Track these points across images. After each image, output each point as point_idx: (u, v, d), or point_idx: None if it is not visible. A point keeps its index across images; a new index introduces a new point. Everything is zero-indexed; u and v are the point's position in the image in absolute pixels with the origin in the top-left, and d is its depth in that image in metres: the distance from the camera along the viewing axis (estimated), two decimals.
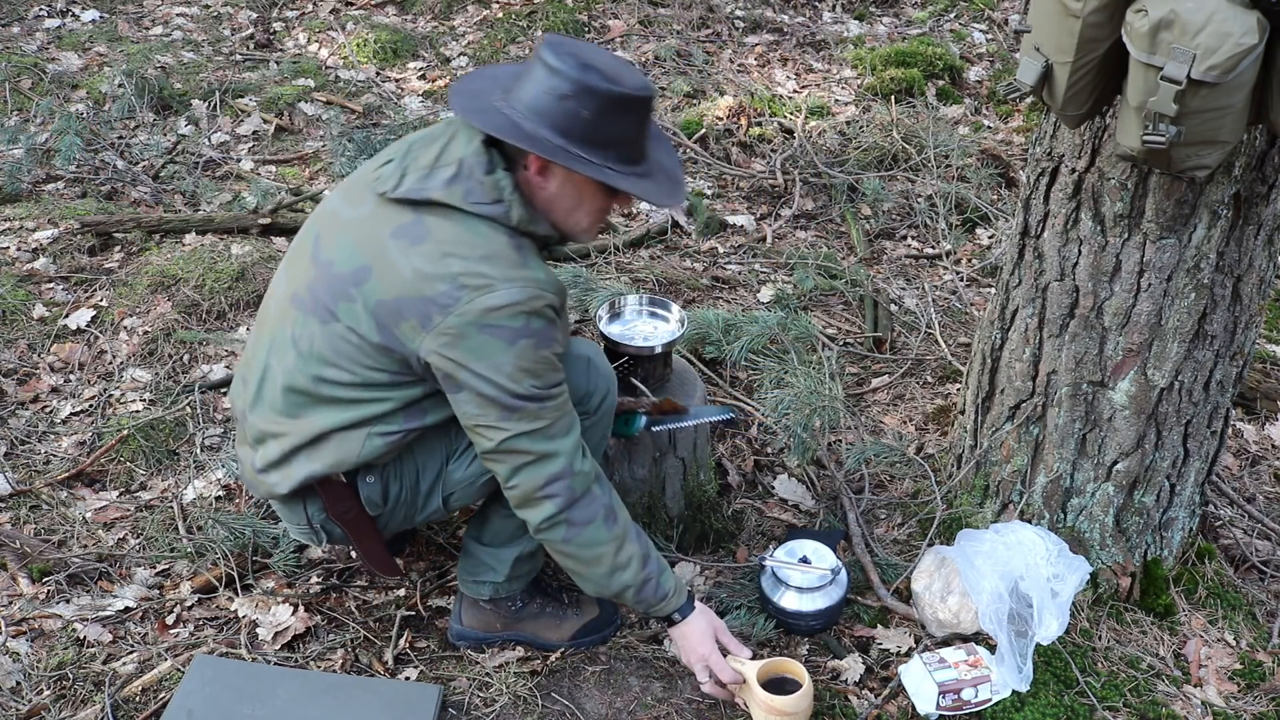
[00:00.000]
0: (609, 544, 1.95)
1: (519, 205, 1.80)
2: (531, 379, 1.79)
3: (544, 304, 1.79)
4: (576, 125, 1.75)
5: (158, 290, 3.23)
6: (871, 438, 2.88)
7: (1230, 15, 1.57)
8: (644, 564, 1.99)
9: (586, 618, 2.27)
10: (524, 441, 1.84)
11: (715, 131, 4.42)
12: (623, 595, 2.00)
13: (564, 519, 1.90)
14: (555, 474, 1.87)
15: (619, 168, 1.80)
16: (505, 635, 2.26)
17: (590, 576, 1.98)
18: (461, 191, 1.77)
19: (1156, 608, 2.39)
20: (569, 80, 1.73)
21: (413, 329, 1.78)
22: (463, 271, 1.75)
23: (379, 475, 1.98)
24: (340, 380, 1.86)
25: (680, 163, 2.00)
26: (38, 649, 2.21)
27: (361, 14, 5.55)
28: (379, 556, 2.10)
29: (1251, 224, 2.08)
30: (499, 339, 1.76)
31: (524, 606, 2.25)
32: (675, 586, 2.04)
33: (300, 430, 1.91)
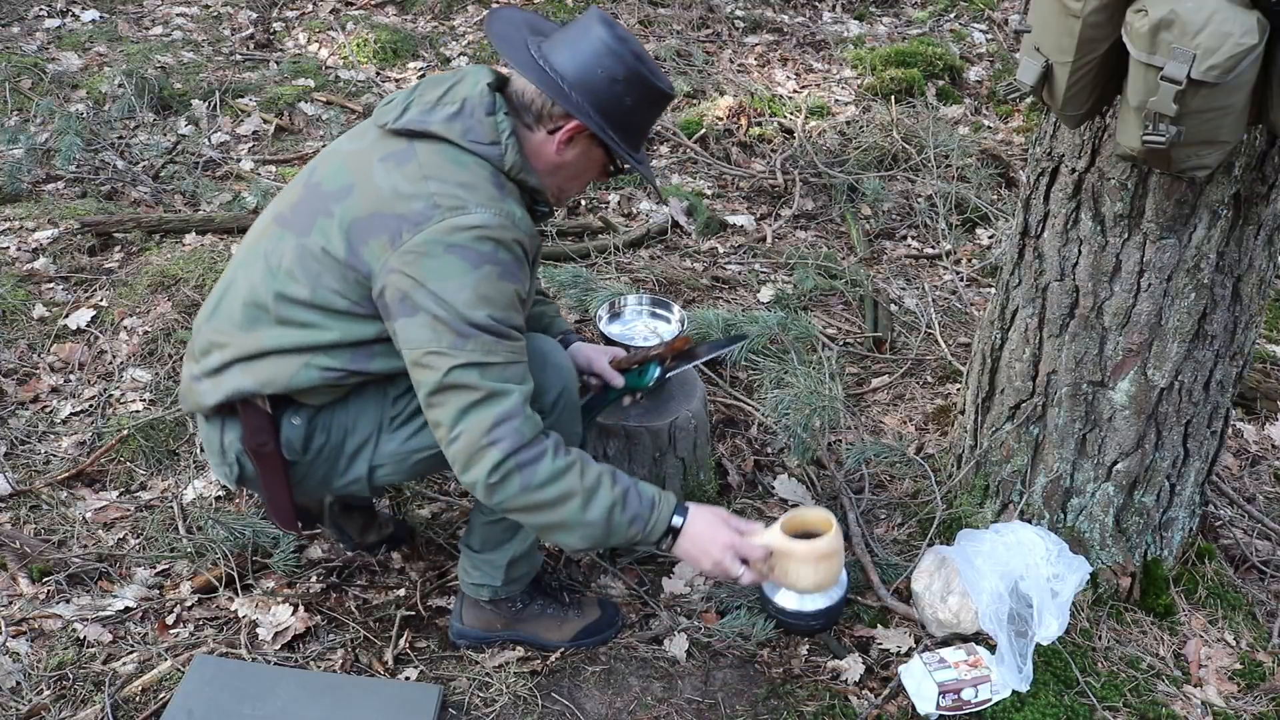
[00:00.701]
0: (570, 472, 1.80)
1: (514, 151, 1.81)
2: (489, 308, 1.74)
3: (513, 238, 1.78)
4: (619, 110, 1.82)
5: (158, 290, 3.23)
6: (871, 438, 2.88)
7: (1230, 15, 1.57)
8: (615, 479, 1.84)
9: (588, 619, 2.27)
10: (472, 374, 1.74)
11: (715, 131, 4.42)
12: (612, 524, 1.83)
13: (513, 463, 1.76)
14: (503, 414, 1.75)
15: (633, 154, 1.88)
16: (506, 635, 2.26)
17: (569, 519, 1.81)
18: (461, 128, 1.79)
19: (1156, 608, 2.39)
20: (626, 67, 1.80)
21: (381, 247, 1.76)
22: (438, 192, 1.75)
23: (306, 419, 1.93)
24: (299, 298, 1.83)
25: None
26: (38, 649, 2.21)
27: (361, 14, 5.55)
28: (282, 504, 2.00)
29: (1251, 224, 2.08)
30: (464, 260, 1.73)
31: (525, 607, 2.24)
32: (658, 491, 1.91)
33: (245, 344, 1.88)
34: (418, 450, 1.96)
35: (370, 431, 1.96)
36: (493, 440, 1.75)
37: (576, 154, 1.88)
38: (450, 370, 1.74)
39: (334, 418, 1.94)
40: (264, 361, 1.88)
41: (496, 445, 1.75)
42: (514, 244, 1.78)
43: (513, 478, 1.77)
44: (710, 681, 2.22)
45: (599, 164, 1.92)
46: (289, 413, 1.93)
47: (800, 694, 2.18)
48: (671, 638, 2.30)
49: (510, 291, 1.77)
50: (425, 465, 2.00)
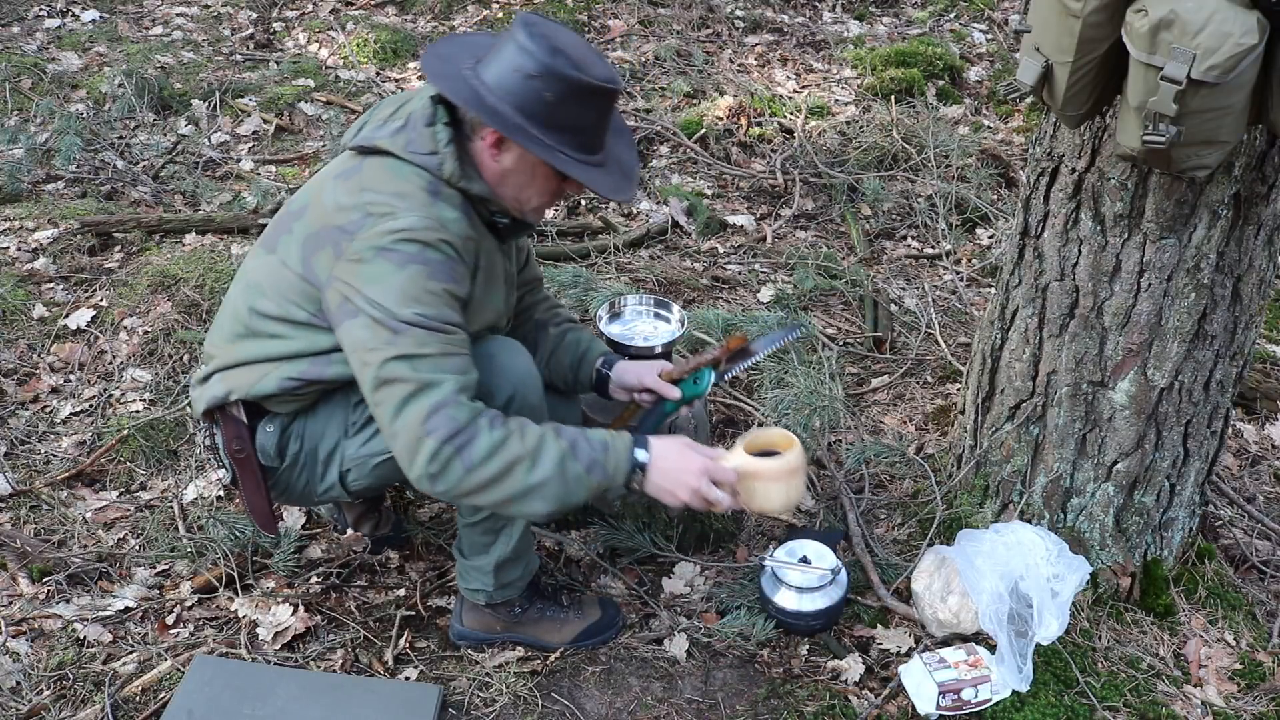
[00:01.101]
0: (510, 440, 1.77)
1: (452, 159, 1.84)
2: (418, 306, 1.76)
3: (440, 238, 1.80)
4: (539, 107, 1.79)
5: (158, 290, 3.23)
6: (871, 438, 2.88)
7: (1230, 15, 1.57)
8: (559, 432, 1.82)
9: (589, 620, 2.27)
10: (403, 366, 1.75)
11: (715, 131, 4.42)
12: (568, 477, 1.80)
13: (450, 449, 1.74)
14: (436, 404, 1.75)
15: (573, 154, 1.84)
16: (506, 636, 2.26)
17: (523, 486, 1.78)
18: (403, 141, 1.85)
19: (1156, 608, 2.39)
20: (537, 62, 1.78)
21: (327, 258, 1.83)
22: (371, 201, 1.81)
23: (279, 427, 2.01)
24: (268, 313, 1.93)
25: (638, 159, 2.02)
26: (38, 649, 2.21)
27: (361, 14, 5.55)
28: (259, 507, 2.07)
29: (1251, 224, 2.08)
30: (391, 262, 1.77)
31: (524, 611, 2.24)
32: (608, 433, 1.88)
33: (226, 355, 2.00)
34: (375, 455, 2.00)
35: (337, 438, 2.02)
36: (428, 430, 1.75)
37: (513, 159, 1.86)
38: (383, 364, 1.77)
39: (306, 426, 2.02)
40: (237, 371, 1.98)
41: (432, 435, 1.75)
42: (441, 244, 1.80)
43: (453, 463, 1.76)
44: (710, 681, 2.22)
45: (542, 169, 1.87)
46: (263, 421, 2.02)
47: (800, 694, 2.18)
48: (671, 638, 2.30)
49: (439, 290, 1.79)
50: (386, 470, 2.01)
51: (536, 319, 2.32)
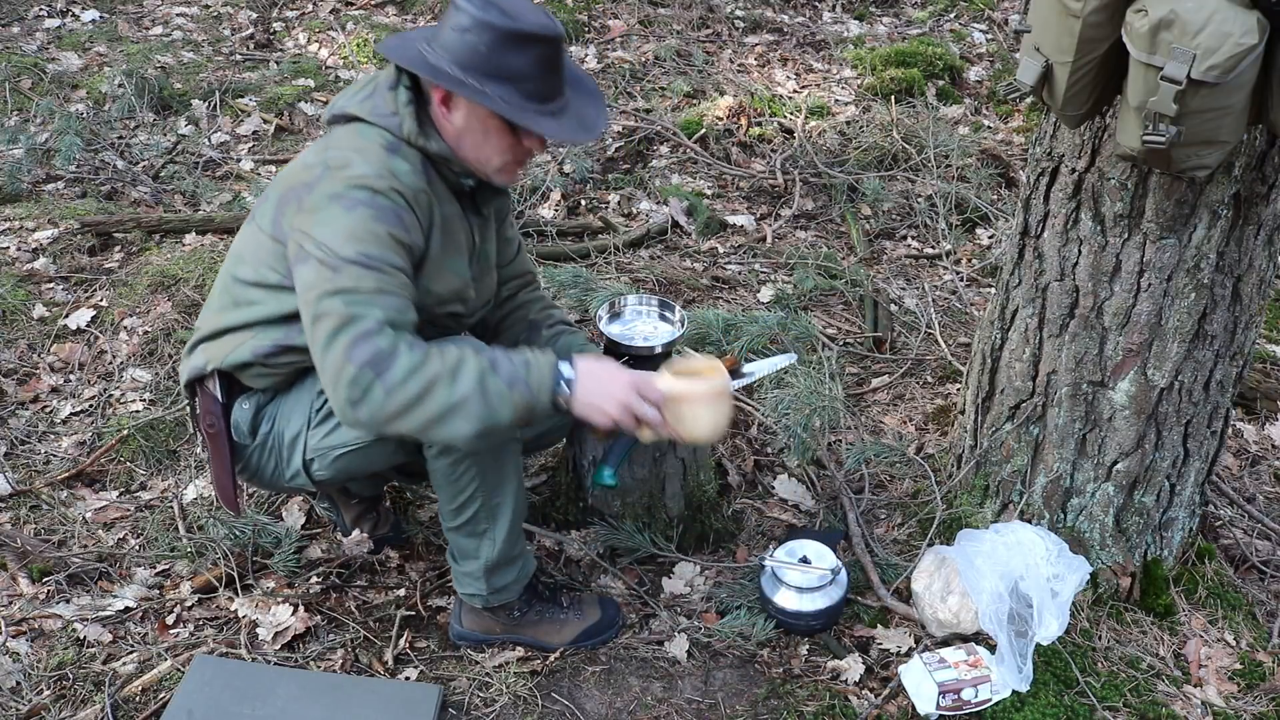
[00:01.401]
0: (429, 360, 1.76)
1: (410, 119, 1.90)
2: (360, 244, 1.79)
3: (391, 186, 1.84)
4: (475, 58, 1.84)
5: (158, 290, 3.23)
6: (871, 438, 2.88)
7: (1230, 15, 1.57)
8: (478, 349, 1.81)
9: (588, 621, 2.27)
10: (336, 301, 1.76)
11: (715, 131, 4.42)
12: (489, 393, 1.77)
13: (370, 374, 1.73)
14: (360, 333, 1.74)
15: (516, 101, 1.86)
16: (506, 638, 2.27)
17: (443, 405, 1.75)
18: (369, 106, 1.92)
19: (1156, 608, 2.39)
20: (469, 15, 1.84)
21: (291, 213, 1.88)
22: (332, 157, 1.87)
23: (254, 405, 2.06)
24: (245, 279, 1.97)
25: (605, 115, 2.03)
26: (38, 649, 2.21)
27: (361, 14, 5.55)
28: (222, 482, 2.11)
29: (1251, 224, 2.08)
30: (340, 206, 1.82)
31: (523, 615, 2.24)
32: (531, 351, 1.86)
33: (208, 325, 2.05)
34: (336, 447, 2.01)
35: (301, 425, 2.04)
36: (349, 358, 1.75)
37: (463, 115, 1.90)
38: (319, 300, 1.79)
39: (278, 408, 2.06)
40: (217, 341, 2.03)
41: (352, 362, 1.74)
42: (391, 192, 1.84)
43: (373, 388, 1.74)
44: (710, 681, 2.22)
45: (492, 122, 1.90)
46: (240, 398, 2.07)
47: (800, 694, 2.19)
48: (671, 638, 2.30)
49: (384, 233, 1.82)
50: (348, 463, 2.03)
51: (530, 319, 2.32)
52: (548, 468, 2.75)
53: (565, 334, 2.31)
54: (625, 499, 2.49)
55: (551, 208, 3.95)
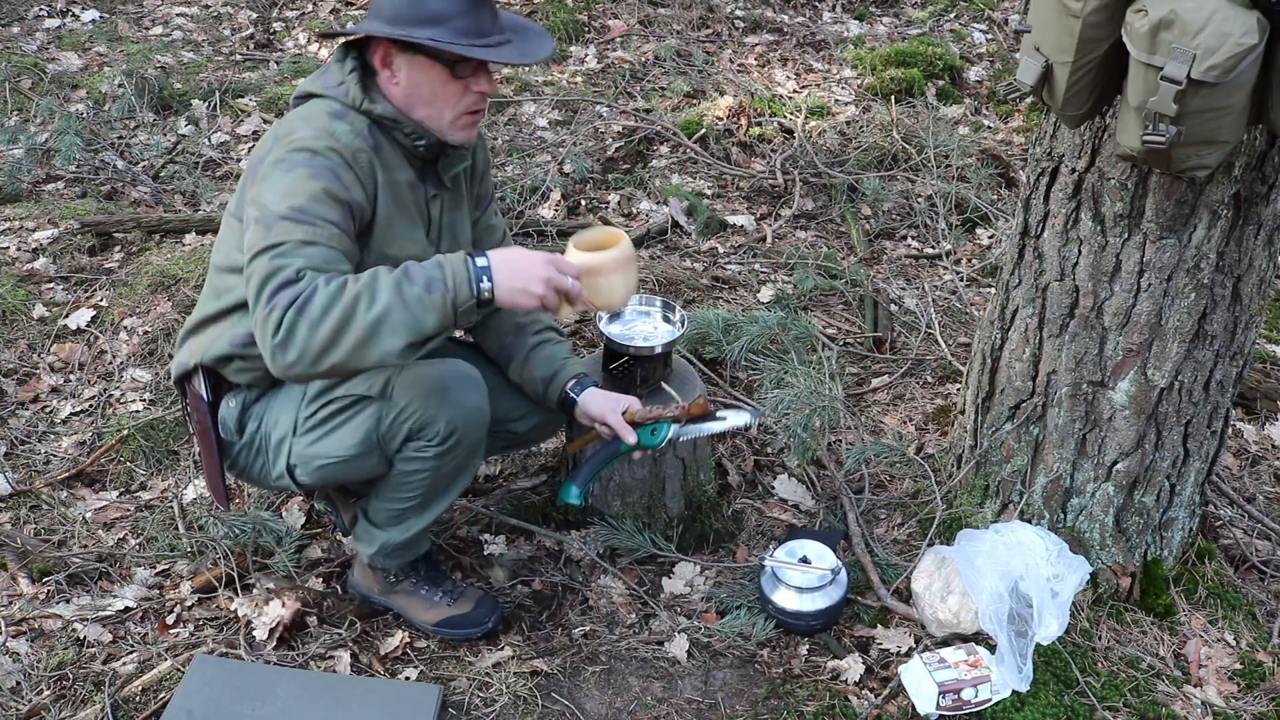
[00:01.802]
0: (345, 288, 1.74)
1: (355, 85, 1.94)
2: (292, 200, 1.81)
3: (328, 147, 1.87)
4: (399, 10, 1.88)
5: (158, 290, 3.23)
6: (871, 438, 2.88)
7: (1230, 15, 1.57)
8: (390, 267, 1.79)
9: (456, 610, 2.28)
10: (264, 259, 1.77)
11: (715, 131, 4.42)
12: (408, 299, 1.74)
13: (292, 313, 1.72)
14: (281, 281, 1.74)
15: (448, 39, 1.88)
16: (381, 600, 2.32)
17: (367, 324, 1.72)
18: (322, 82, 1.98)
19: (1156, 608, 2.39)
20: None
21: (249, 188, 1.90)
22: (280, 128, 1.93)
23: (240, 403, 2.09)
24: (220, 265, 2.01)
25: (548, 43, 2.04)
26: (38, 649, 2.21)
27: (361, 14, 5.55)
28: (211, 476, 2.16)
29: (1251, 224, 2.08)
30: (281, 169, 1.85)
31: (398, 582, 2.29)
32: (441, 256, 1.83)
33: (193, 317, 2.09)
34: (319, 458, 2.03)
35: (288, 430, 2.06)
36: (272, 305, 1.74)
37: (406, 72, 1.93)
38: (251, 260, 1.80)
39: (265, 408, 2.08)
40: (199, 335, 2.08)
41: (275, 307, 1.73)
42: (327, 151, 1.86)
43: (297, 327, 1.72)
44: (710, 681, 2.22)
45: (436, 70, 1.91)
46: (227, 395, 2.10)
47: (800, 694, 2.18)
48: (671, 638, 2.30)
49: (318, 188, 1.83)
50: (330, 473, 2.05)
51: (517, 321, 2.30)
52: (548, 468, 2.75)
53: (549, 344, 2.29)
54: (625, 499, 2.49)
55: (551, 208, 3.95)
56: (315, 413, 2.02)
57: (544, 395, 2.26)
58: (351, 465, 2.03)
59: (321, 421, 2.01)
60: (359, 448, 1.99)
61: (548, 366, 2.26)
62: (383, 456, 2.02)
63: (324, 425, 2.01)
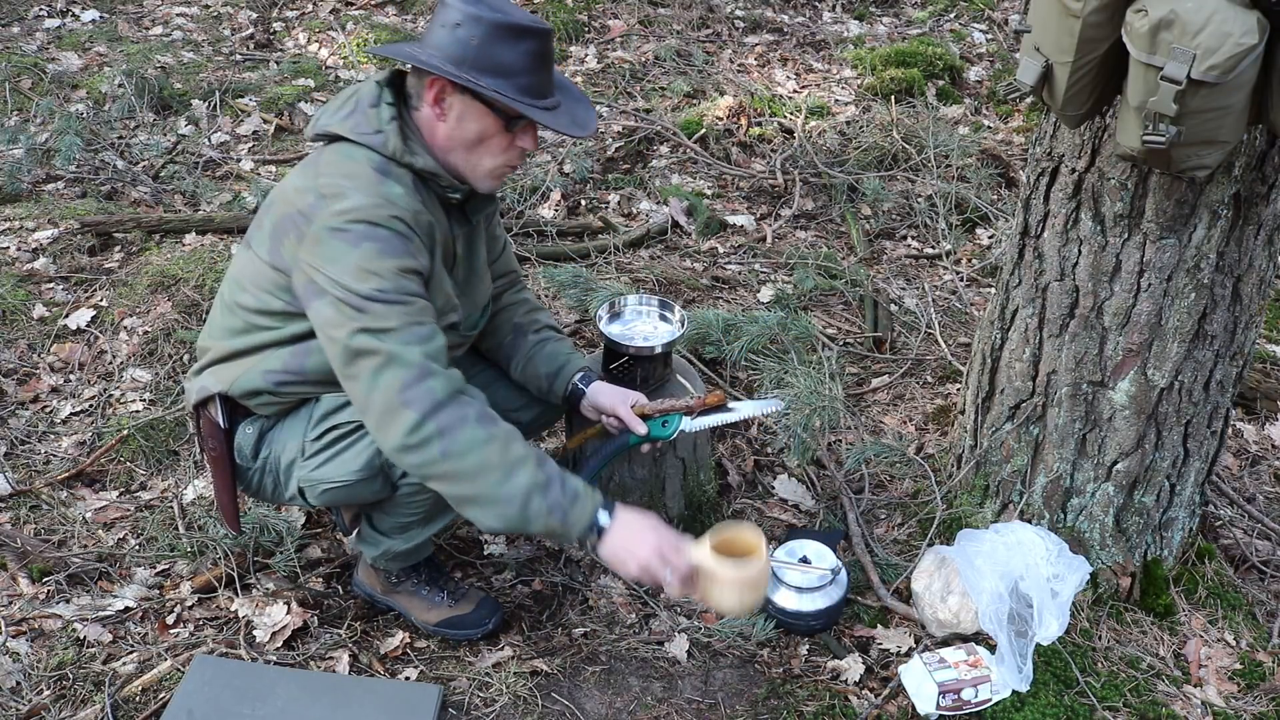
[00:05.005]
0: (492, 443, 1.78)
1: (395, 135, 1.88)
2: (375, 281, 1.79)
3: (390, 215, 1.83)
4: (468, 53, 1.83)
5: (158, 290, 3.23)
6: (871, 438, 2.88)
7: (1230, 15, 1.57)
8: (541, 463, 1.81)
9: (457, 612, 2.29)
10: (370, 339, 1.78)
11: (715, 131, 4.42)
12: (529, 508, 1.78)
13: (432, 429, 1.76)
14: (411, 378, 1.77)
15: (514, 95, 1.86)
16: (385, 600, 2.33)
17: (486, 493, 1.78)
18: (352, 124, 1.90)
19: (1156, 608, 2.39)
20: (457, 10, 1.84)
21: (292, 244, 1.87)
22: (324, 184, 1.86)
23: (258, 429, 2.07)
24: (248, 305, 1.97)
25: (594, 114, 2.03)
26: (38, 649, 2.21)
27: (361, 14, 5.55)
28: (225, 504, 2.15)
29: (1251, 224, 2.08)
30: (344, 241, 1.81)
31: (399, 583, 2.30)
32: (585, 486, 1.86)
33: (217, 349, 2.05)
34: (324, 482, 2.02)
35: (295, 454, 2.06)
36: (405, 402, 1.77)
37: (458, 114, 1.89)
38: (352, 336, 1.80)
39: (276, 433, 2.07)
40: (225, 365, 2.04)
41: (410, 406, 1.77)
42: (391, 220, 1.83)
43: (433, 443, 1.77)
44: (710, 681, 2.22)
45: (489, 120, 1.89)
46: (244, 422, 2.08)
47: (800, 694, 2.19)
48: (671, 638, 2.30)
49: (395, 265, 1.82)
50: (335, 496, 2.04)
51: (515, 322, 2.31)
52: None
53: (551, 341, 2.30)
54: (625, 499, 2.49)
55: (551, 208, 3.95)
56: (320, 437, 2.01)
57: (549, 391, 2.27)
58: (356, 489, 2.02)
59: (325, 446, 2.01)
60: (362, 473, 1.99)
61: (552, 362, 2.26)
62: (386, 481, 2.01)
63: (328, 450, 2.01)
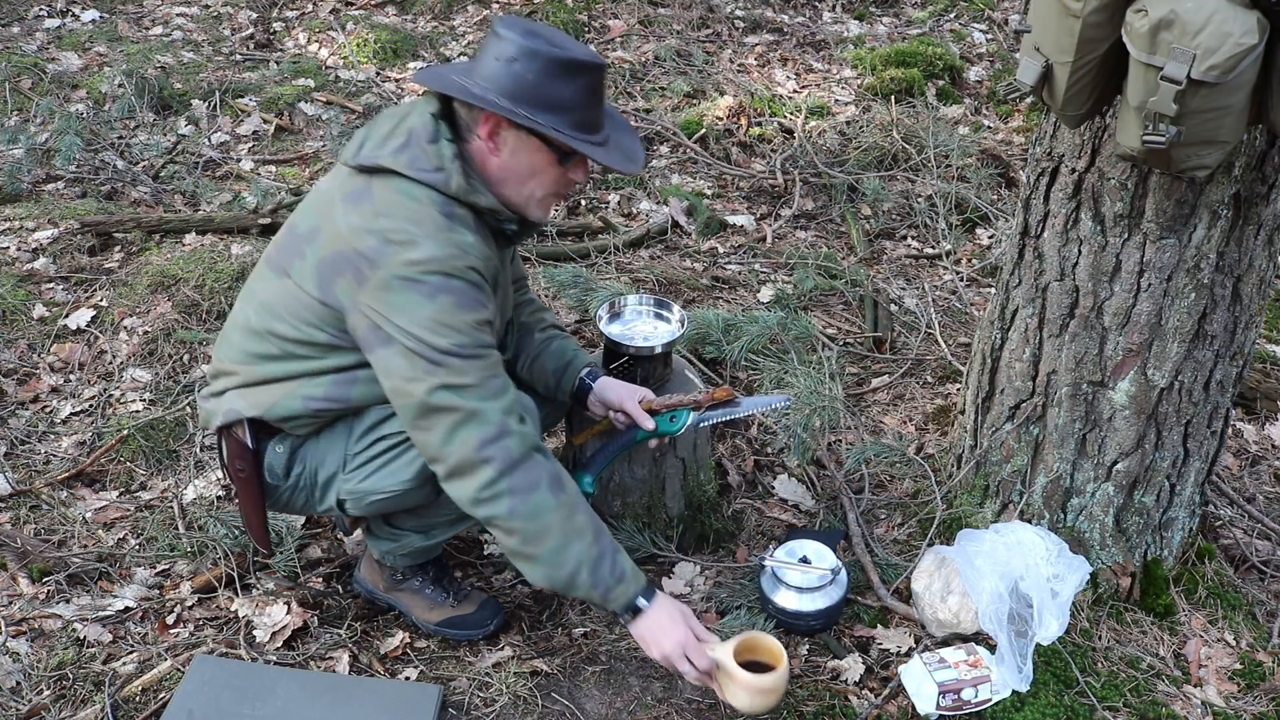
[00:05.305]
0: (557, 510, 1.85)
1: (458, 174, 1.85)
2: (453, 335, 1.80)
3: (466, 265, 1.82)
4: (523, 88, 1.81)
5: (158, 290, 3.23)
6: (871, 438, 2.88)
7: (1230, 15, 1.57)
8: (597, 537, 1.89)
9: (459, 611, 2.29)
10: (450, 395, 1.80)
11: (715, 131, 4.42)
12: (577, 578, 1.88)
13: (505, 487, 1.82)
14: (490, 434, 1.82)
15: (568, 131, 1.85)
16: (386, 598, 2.32)
17: (540, 555, 1.87)
18: (407, 159, 1.84)
19: (1156, 608, 2.39)
20: (514, 44, 1.81)
21: (348, 285, 1.84)
22: (389, 228, 1.81)
23: (289, 447, 2.04)
24: (286, 335, 1.94)
25: (642, 149, 2.02)
26: (38, 649, 2.21)
27: (361, 14, 5.55)
28: (255, 524, 2.12)
29: (1251, 224, 2.08)
30: (419, 293, 1.79)
31: (404, 580, 2.29)
32: (633, 569, 1.94)
33: (245, 374, 2.01)
34: (372, 493, 2.02)
35: (336, 467, 2.04)
36: (484, 458, 1.82)
37: (511, 148, 1.87)
38: (429, 393, 1.81)
39: (309, 450, 2.04)
40: (259, 389, 1.99)
41: (489, 464, 1.82)
42: (467, 271, 1.82)
43: (502, 499, 1.83)
44: None
45: (544, 155, 1.88)
46: (274, 440, 2.04)
47: (800, 694, 2.18)
48: None
49: (470, 319, 1.82)
50: (382, 506, 2.05)
51: (521, 321, 2.31)
52: None
53: (557, 339, 2.31)
54: (625, 499, 2.49)
55: None
56: (366, 449, 2.00)
57: (556, 388, 2.27)
58: (405, 498, 2.02)
59: (373, 458, 2.00)
60: (413, 482, 1.98)
61: (558, 359, 2.27)
62: (434, 488, 1.98)
63: (375, 461, 2.00)
